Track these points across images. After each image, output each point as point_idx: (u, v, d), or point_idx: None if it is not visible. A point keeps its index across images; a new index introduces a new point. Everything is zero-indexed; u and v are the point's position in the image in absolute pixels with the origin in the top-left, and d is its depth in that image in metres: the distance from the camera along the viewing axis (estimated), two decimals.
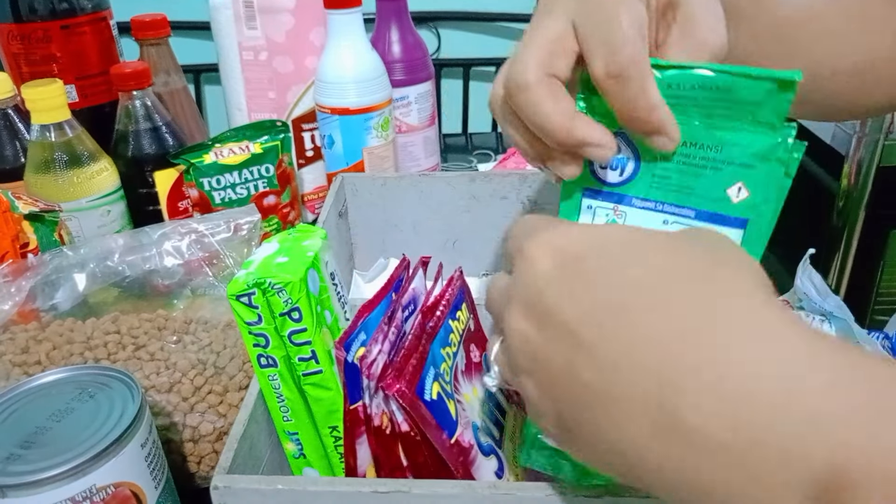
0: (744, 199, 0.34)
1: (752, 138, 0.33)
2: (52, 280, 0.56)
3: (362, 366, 0.37)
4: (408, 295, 0.41)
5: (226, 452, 0.38)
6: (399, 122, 0.87)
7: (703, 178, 0.34)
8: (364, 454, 0.39)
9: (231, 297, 0.40)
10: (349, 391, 0.39)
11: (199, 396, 0.51)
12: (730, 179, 0.34)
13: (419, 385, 0.35)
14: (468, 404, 0.40)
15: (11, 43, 0.78)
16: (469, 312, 0.44)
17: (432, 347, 0.38)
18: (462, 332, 0.42)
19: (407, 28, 0.86)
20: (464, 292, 0.44)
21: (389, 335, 0.39)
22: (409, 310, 0.41)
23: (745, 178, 0.34)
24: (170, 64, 0.86)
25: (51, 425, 0.40)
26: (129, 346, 0.53)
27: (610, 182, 0.36)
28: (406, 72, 0.85)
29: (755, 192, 0.33)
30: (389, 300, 0.41)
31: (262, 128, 0.76)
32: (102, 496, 0.39)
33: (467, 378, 0.41)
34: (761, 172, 0.33)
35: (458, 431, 0.37)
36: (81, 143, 0.71)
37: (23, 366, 0.52)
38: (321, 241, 0.45)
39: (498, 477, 0.39)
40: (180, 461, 0.50)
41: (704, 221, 0.35)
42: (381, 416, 0.37)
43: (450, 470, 0.36)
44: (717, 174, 0.34)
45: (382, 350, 0.38)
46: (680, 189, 0.35)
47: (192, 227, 0.60)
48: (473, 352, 0.44)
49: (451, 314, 0.41)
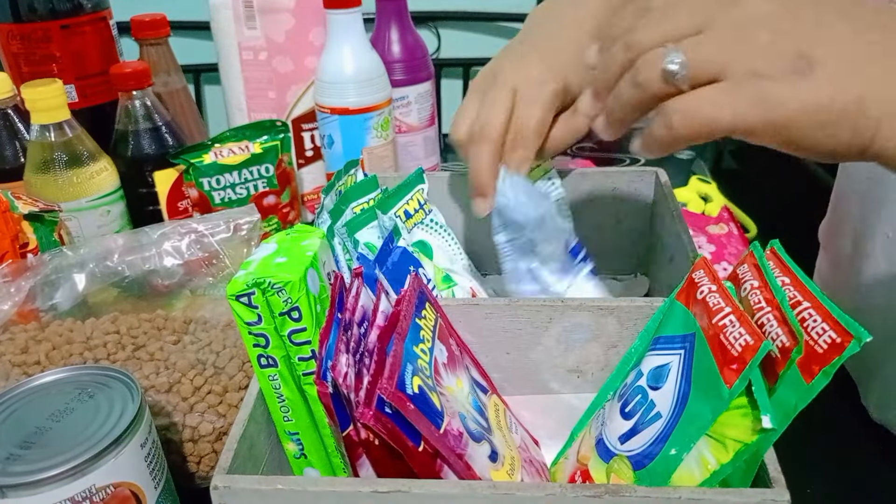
0: None
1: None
2: (52, 280, 0.56)
3: (336, 376, 0.38)
4: (358, 312, 0.41)
5: (225, 452, 0.38)
6: (399, 122, 0.87)
7: None
8: (367, 474, 0.39)
9: (230, 297, 0.40)
10: (339, 418, 0.39)
11: (199, 396, 0.51)
12: None
13: (399, 380, 0.36)
14: (452, 396, 0.40)
15: (11, 43, 0.78)
16: (435, 311, 0.44)
17: (406, 346, 0.38)
18: (433, 328, 0.42)
19: (407, 28, 0.86)
20: (424, 292, 0.44)
21: (351, 344, 0.39)
22: (363, 326, 0.41)
23: None
24: (170, 64, 0.86)
25: (50, 425, 0.40)
26: (129, 346, 0.53)
27: None
28: (406, 72, 0.85)
29: None
30: (338, 320, 0.41)
31: (261, 128, 0.76)
32: (102, 496, 0.39)
33: (450, 370, 0.42)
34: None
35: (445, 421, 0.37)
36: (81, 143, 0.71)
37: (22, 366, 0.52)
38: (319, 240, 0.45)
39: (492, 461, 0.39)
40: (180, 461, 0.50)
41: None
42: (364, 431, 0.37)
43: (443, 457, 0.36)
44: None
45: (350, 362, 0.38)
46: None
47: (191, 227, 0.60)
48: (453, 345, 0.44)
49: (416, 314, 0.41)
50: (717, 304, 0.37)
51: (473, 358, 0.48)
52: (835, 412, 0.59)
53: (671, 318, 0.41)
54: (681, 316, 0.40)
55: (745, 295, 0.38)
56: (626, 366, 0.45)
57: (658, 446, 0.36)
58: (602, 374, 0.48)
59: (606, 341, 0.48)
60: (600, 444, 0.40)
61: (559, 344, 0.48)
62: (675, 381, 0.38)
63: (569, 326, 0.47)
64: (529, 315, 0.47)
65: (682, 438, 0.35)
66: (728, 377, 0.34)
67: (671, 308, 0.42)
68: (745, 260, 0.40)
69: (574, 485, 0.35)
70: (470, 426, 0.39)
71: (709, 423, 0.34)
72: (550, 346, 0.48)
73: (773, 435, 0.33)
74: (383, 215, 0.54)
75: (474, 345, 0.49)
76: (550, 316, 0.47)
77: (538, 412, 0.50)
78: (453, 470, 0.37)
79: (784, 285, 0.36)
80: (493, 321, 0.48)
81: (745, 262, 0.40)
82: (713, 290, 0.38)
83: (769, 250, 0.39)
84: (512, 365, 0.49)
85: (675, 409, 0.37)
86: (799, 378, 0.33)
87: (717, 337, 0.35)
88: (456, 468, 0.37)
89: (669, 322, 0.41)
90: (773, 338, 0.35)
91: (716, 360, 0.35)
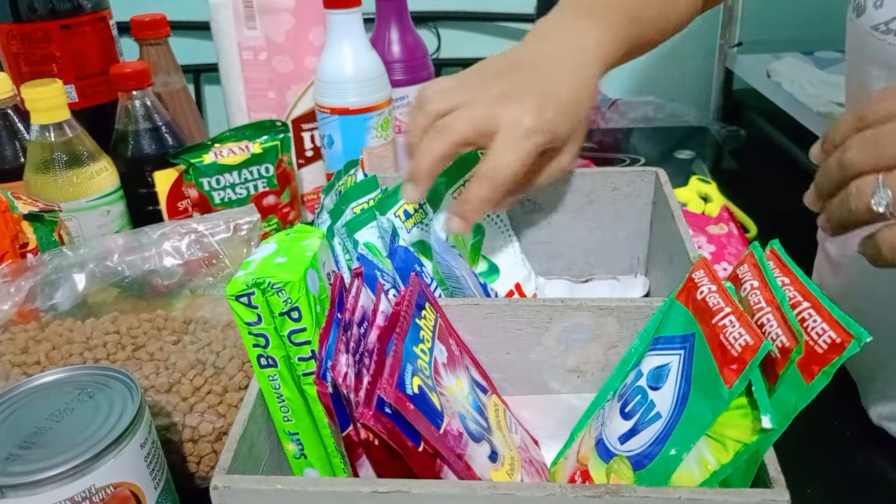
0: None
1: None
2: (52, 280, 0.56)
3: (336, 376, 0.38)
4: (358, 312, 0.41)
5: (225, 452, 0.38)
6: (399, 122, 0.87)
7: None
8: (367, 475, 0.39)
9: (230, 297, 0.40)
10: (339, 418, 0.39)
11: (199, 396, 0.51)
12: None
13: (399, 380, 0.36)
14: (452, 396, 0.40)
15: (11, 43, 0.78)
16: (435, 312, 0.44)
17: (406, 346, 0.38)
18: (433, 328, 0.42)
19: (407, 28, 0.86)
20: (424, 293, 0.44)
21: (351, 344, 0.39)
22: (363, 326, 0.41)
23: None
24: (170, 64, 0.86)
25: (50, 425, 0.40)
26: (129, 346, 0.53)
27: None
28: (406, 72, 0.85)
29: None
30: (338, 320, 0.41)
31: (261, 128, 0.76)
32: (102, 496, 0.39)
33: (450, 370, 0.42)
34: None
35: (445, 421, 0.37)
36: (81, 143, 0.71)
37: (22, 366, 0.52)
38: (319, 241, 0.45)
39: (492, 461, 0.39)
40: (180, 461, 0.50)
41: None
42: (364, 431, 0.37)
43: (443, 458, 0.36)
44: None
45: (350, 362, 0.38)
46: None
47: (191, 227, 0.60)
48: (453, 345, 0.44)
49: (416, 314, 0.41)
50: (717, 305, 0.37)
51: (473, 358, 0.48)
52: (835, 412, 0.59)
53: (671, 319, 0.41)
54: (681, 316, 0.40)
55: (745, 295, 0.38)
56: (625, 366, 0.45)
57: (658, 446, 0.36)
58: (602, 375, 0.48)
59: (606, 341, 0.48)
60: (600, 445, 0.40)
61: (559, 344, 0.48)
62: (675, 381, 0.38)
63: (569, 326, 0.47)
64: (529, 315, 0.47)
65: (681, 438, 0.35)
66: (728, 377, 0.34)
67: (671, 308, 0.42)
68: (745, 260, 0.40)
69: (574, 485, 0.35)
70: (470, 426, 0.39)
71: (709, 424, 0.34)
72: (550, 346, 0.48)
73: (773, 435, 0.33)
74: (381, 216, 0.54)
75: (474, 345, 0.49)
76: (550, 316, 0.47)
77: (538, 412, 0.50)
78: (453, 470, 0.37)
79: (784, 285, 0.36)
80: (493, 321, 0.48)
81: (745, 262, 0.40)
82: (713, 290, 0.38)
83: (769, 250, 0.39)
84: (512, 365, 0.49)
85: (675, 410, 0.37)
86: (799, 378, 0.33)
87: (717, 337, 0.35)
88: (456, 468, 0.37)
89: (669, 322, 0.41)
90: (772, 338, 0.35)
91: (716, 360, 0.35)
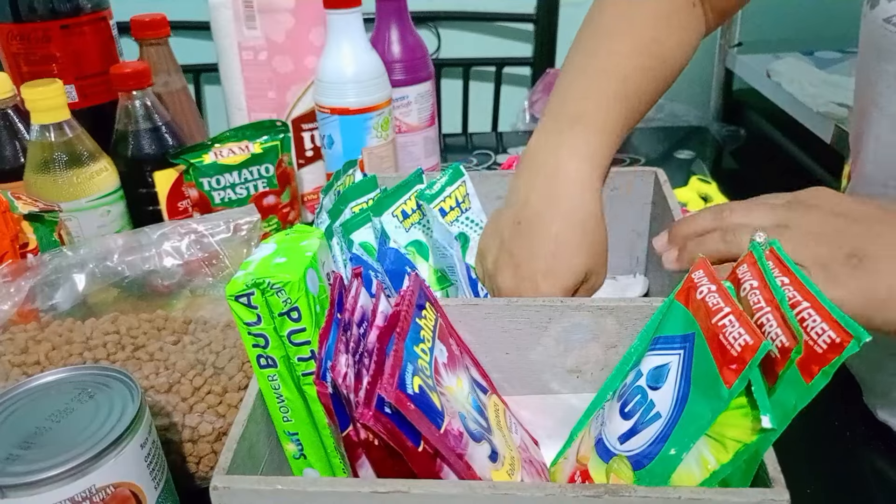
0: None
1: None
2: (52, 280, 0.56)
3: (336, 377, 0.38)
4: (357, 312, 0.41)
5: (225, 453, 0.38)
6: (399, 122, 0.87)
7: None
8: (367, 475, 0.39)
9: (230, 297, 0.40)
10: (339, 418, 0.39)
11: (199, 397, 0.51)
12: None
13: (400, 380, 0.36)
14: (452, 396, 0.40)
15: (11, 43, 0.78)
16: (435, 311, 0.44)
17: (406, 345, 0.38)
18: (433, 328, 0.42)
19: (407, 28, 0.86)
20: (424, 292, 0.44)
21: (350, 344, 0.39)
22: (363, 326, 0.41)
23: None
24: (170, 64, 0.86)
25: (50, 425, 0.40)
26: (129, 346, 0.53)
27: None
28: (406, 72, 0.85)
29: None
30: (338, 320, 0.41)
31: (261, 128, 0.76)
32: (102, 496, 0.39)
33: (450, 370, 0.42)
34: None
35: (445, 421, 0.37)
36: (81, 143, 0.71)
37: (22, 366, 0.52)
38: (319, 241, 0.45)
39: (492, 461, 0.39)
40: (180, 461, 0.50)
41: None
42: (364, 431, 0.37)
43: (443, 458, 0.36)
44: None
45: (350, 362, 0.38)
46: None
47: (191, 227, 0.60)
48: (453, 345, 0.44)
49: (416, 314, 0.41)
50: (717, 305, 0.37)
51: (473, 358, 0.48)
52: (835, 412, 0.59)
53: (671, 319, 0.41)
54: (680, 316, 0.40)
55: (745, 295, 0.38)
56: (625, 366, 0.45)
57: (658, 446, 0.36)
58: (601, 374, 0.48)
59: (606, 341, 0.48)
60: (600, 444, 0.40)
61: (559, 344, 0.48)
62: (675, 381, 0.38)
63: (568, 326, 0.47)
64: (529, 315, 0.47)
65: (681, 438, 0.35)
66: (727, 377, 0.34)
67: (671, 308, 0.42)
68: (744, 260, 0.40)
69: (574, 485, 0.35)
70: (470, 426, 0.39)
71: (708, 423, 0.34)
72: (550, 346, 0.48)
73: (773, 435, 0.33)
74: (375, 218, 0.54)
75: (474, 345, 0.49)
76: (550, 316, 0.47)
77: (538, 412, 0.50)
78: (453, 470, 0.37)
79: (783, 285, 0.36)
80: (493, 321, 0.48)
81: (744, 262, 0.40)
82: (713, 290, 0.38)
83: (769, 250, 0.39)
84: (512, 365, 0.49)
85: (675, 409, 0.36)
86: (798, 378, 0.33)
87: (717, 337, 0.35)
88: (456, 468, 0.37)
89: (669, 322, 0.41)
90: (772, 338, 0.34)
91: (715, 360, 0.35)
